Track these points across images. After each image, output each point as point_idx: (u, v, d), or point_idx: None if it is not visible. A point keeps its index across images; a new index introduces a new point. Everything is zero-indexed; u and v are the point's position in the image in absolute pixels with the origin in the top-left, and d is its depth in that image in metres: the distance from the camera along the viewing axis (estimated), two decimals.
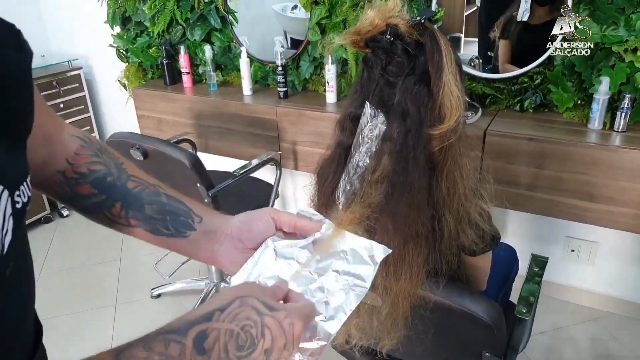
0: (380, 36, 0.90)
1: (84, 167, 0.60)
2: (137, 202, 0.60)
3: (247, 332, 0.43)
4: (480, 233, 0.99)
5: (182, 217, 0.61)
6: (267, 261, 0.58)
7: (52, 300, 2.36)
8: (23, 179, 0.42)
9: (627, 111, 1.57)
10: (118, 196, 0.60)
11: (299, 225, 0.61)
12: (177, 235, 0.61)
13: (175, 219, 0.61)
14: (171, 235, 0.61)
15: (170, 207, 0.61)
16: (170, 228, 0.61)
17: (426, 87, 0.90)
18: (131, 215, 0.60)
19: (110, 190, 0.60)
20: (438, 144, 0.91)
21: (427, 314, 0.95)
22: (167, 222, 0.61)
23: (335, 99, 2.06)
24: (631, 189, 1.52)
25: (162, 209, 0.61)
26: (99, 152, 0.62)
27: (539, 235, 2.12)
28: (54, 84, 2.83)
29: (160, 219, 0.61)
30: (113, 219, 0.61)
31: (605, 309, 2.11)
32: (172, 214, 0.61)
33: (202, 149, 2.35)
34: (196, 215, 0.62)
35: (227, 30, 2.36)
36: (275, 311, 0.45)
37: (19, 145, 0.43)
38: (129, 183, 0.61)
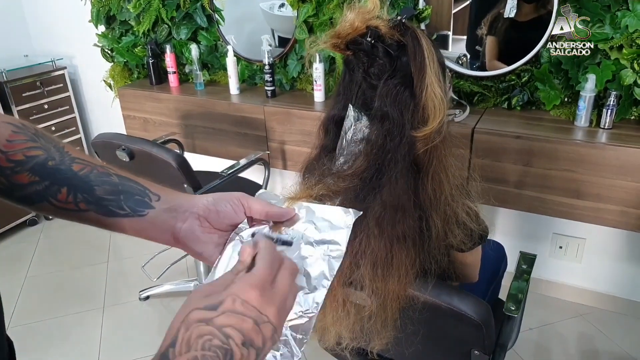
0: (361, 39, 0.89)
1: (19, 154, 0.55)
2: (86, 185, 0.56)
3: (211, 347, 0.39)
4: (468, 232, 0.98)
5: (138, 196, 0.58)
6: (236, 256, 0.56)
7: (39, 304, 2.32)
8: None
9: (613, 108, 1.58)
10: (63, 181, 0.56)
11: (271, 212, 0.58)
12: (134, 215, 0.57)
13: (129, 198, 0.57)
14: (127, 215, 0.57)
15: (123, 186, 0.58)
16: (125, 208, 0.57)
17: (408, 89, 0.89)
18: (80, 199, 0.56)
19: (53, 175, 0.55)
20: (422, 146, 0.90)
21: (417, 314, 0.95)
22: (120, 201, 0.57)
23: (323, 98, 2.05)
24: (617, 185, 1.53)
25: (114, 189, 0.57)
26: (35, 137, 0.57)
27: (526, 232, 2.13)
28: (38, 84, 2.79)
29: (114, 199, 0.57)
30: (60, 205, 0.56)
31: (592, 305, 2.13)
32: (126, 193, 0.57)
33: (189, 149, 2.33)
34: (153, 193, 0.59)
35: (213, 28, 2.34)
36: (220, 305, 0.41)
37: None
38: (74, 165, 0.57)
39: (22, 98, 2.73)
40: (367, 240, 0.92)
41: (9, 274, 2.57)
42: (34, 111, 2.79)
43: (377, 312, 0.97)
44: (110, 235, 2.63)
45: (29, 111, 2.77)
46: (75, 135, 3.06)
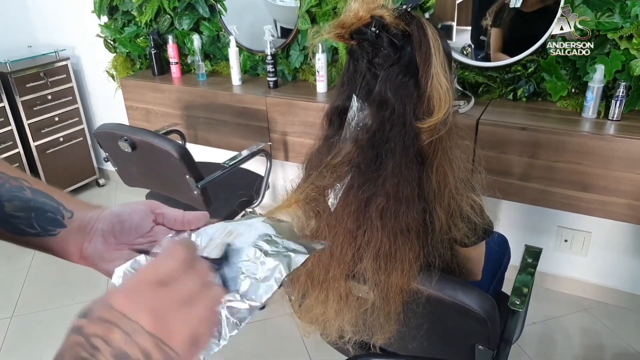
0: (365, 29, 0.87)
1: None
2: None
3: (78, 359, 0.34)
4: (472, 226, 0.97)
5: (50, 213, 0.54)
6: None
7: (43, 293, 2.33)
8: None
9: (622, 99, 1.55)
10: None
11: (186, 218, 0.55)
12: (45, 234, 0.53)
13: (41, 216, 0.53)
14: (37, 235, 0.53)
15: (36, 202, 0.53)
16: (35, 226, 0.53)
17: (413, 79, 0.88)
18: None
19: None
20: (427, 137, 0.88)
21: (420, 308, 0.93)
22: (31, 219, 0.53)
23: (325, 89, 2.03)
24: (625, 178, 1.50)
25: (25, 205, 0.53)
26: None
27: (531, 225, 2.11)
28: (41, 75, 2.77)
29: (24, 217, 0.53)
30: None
31: (597, 299, 2.11)
32: (38, 210, 0.53)
33: (191, 140, 2.32)
34: (67, 210, 0.54)
35: (215, 19, 2.31)
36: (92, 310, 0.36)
37: None
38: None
39: (26, 89, 2.72)
40: (371, 232, 0.91)
41: (12, 263, 2.57)
42: (37, 102, 2.78)
43: (380, 306, 0.96)
44: None
45: (32, 102, 2.76)
46: (79, 126, 3.05)
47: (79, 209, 0.55)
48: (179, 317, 0.37)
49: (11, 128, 2.71)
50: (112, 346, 0.34)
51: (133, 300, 0.36)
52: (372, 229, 0.91)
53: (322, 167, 0.91)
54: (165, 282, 0.37)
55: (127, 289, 0.37)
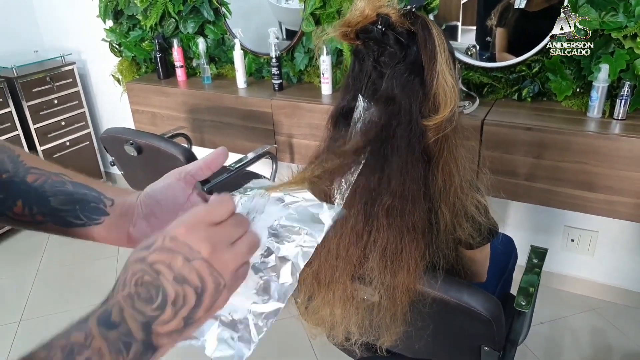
0: (371, 27, 0.88)
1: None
2: (40, 196, 0.55)
3: (143, 283, 0.39)
4: (476, 226, 0.97)
5: (93, 203, 0.56)
6: None
7: (51, 297, 2.34)
8: None
9: (626, 99, 1.55)
10: (18, 193, 0.55)
11: (207, 161, 0.57)
12: (91, 224, 0.56)
13: (85, 207, 0.56)
14: (84, 225, 0.56)
15: (78, 194, 0.56)
16: (81, 217, 0.56)
17: (418, 77, 0.88)
18: (36, 211, 0.55)
19: (7, 188, 0.54)
20: (433, 135, 0.89)
21: (426, 309, 0.94)
22: (76, 211, 0.56)
23: (330, 91, 2.04)
24: (631, 177, 1.50)
25: (69, 198, 0.56)
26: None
27: (538, 225, 2.11)
28: (48, 79, 2.80)
29: (69, 209, 0.56)
30: (17, 218, 0.55)
31: (605, 299, 2.10)
32: (81, 202, 0.56)
33: (197, 143, 2.33)
34: (107, 198, 0.57)
35: (220, 22, 2.32)
36: (153, 244, 0.41)
37: None
38: (29, 176, 0.55)
39: (33, 93, 2.74)
40: (377, 231, 0.92)
41: (21, 267, 2.59)
42: (44, 106, 2.80)
43: (386, 306, 0.96)
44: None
45: (39, 106, 2.78)
46: (85, 130, 3.07)
47: (117, 195, 0.58)
48: (227, 252, 0.42)
49: (18, 133, 2.73)
50: (174, 270, 0.40)
51: (194, 232, 0.41)
52: (378, 228, 0.91)
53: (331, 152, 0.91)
54: (216, 223, 0.43)
55: (188, 224, 0.42)
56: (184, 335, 0.41)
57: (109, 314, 0.39)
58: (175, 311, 0.40)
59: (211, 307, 0.42)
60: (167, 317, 0.39)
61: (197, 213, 0.43)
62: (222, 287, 0.42)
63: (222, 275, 0.41)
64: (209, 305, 0.41)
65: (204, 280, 0.40)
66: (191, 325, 0.41)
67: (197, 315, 0.41)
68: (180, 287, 0.40)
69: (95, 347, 0.37)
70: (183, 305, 0.40)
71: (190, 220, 0.42)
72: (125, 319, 0.38)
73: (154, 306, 0.39)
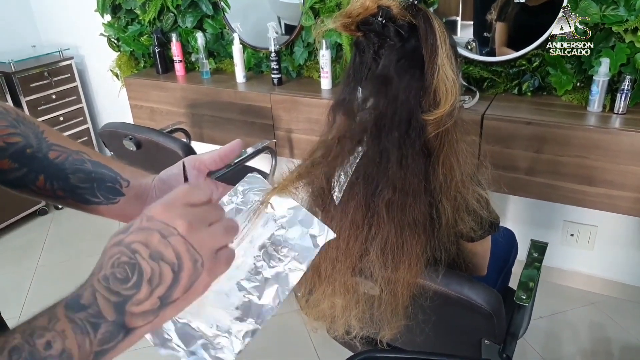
0: (372, 19, 0.87)
1: (0, 140, 0.56)
2: (61, 173, 0.58)
3: (120, 264, 0.39)
4: (478, 220, 0.97)
5: (109, 183, 0.59)
6: None
7: (50, 293, 2.34)
8: None
9: (627, 93, 1.55)
10: (40, 168, 0.57)
11: (222, 154, 0.59)
12: (107, 203, 0.59)
13: (102, 186, 0.59)
14: (100, 203, 0.59)
15: (96, 174, 0.59)
16: (98, 195, 0.58)
17: (418, 70, 0.88)
18: (57, 186, 0.58)
19: (31, 163, 0.57)
20: (433, 129, 0.88)
21: (427, 302, 0.94)
22: (94, 189, 0.58)
23: (330, 85, 2.03)
24: (631, 172, 1.50)
25: (87, 177, 0.58)
26: (15, 123, 0.58)
27: (538, 220, 2.11)
28: (45, 74, 2.78)
29: (88, 187, 0.58)
30: (39, 191, 0.58)
31: (604, 293, 2.10)
32: (99, 181, 0.59)
33: (196, 138, 2.33)
34: (124, 179, 0.60)
35: (219, 16, 2.31)
36: (130, 227, 0.41)
37: None
38: (51, 153, 0.58)
39: (30, 89, 2.73)
40: (377, 225, 0.91)
41: (20, 263, 2.59)
42: (42, 102, 2.79)
43: (387, 300, 0.96)
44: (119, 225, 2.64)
45: (37, 102, 2.77)
46: (83, 125, 3.06)
47: (134, 177, 0.60)
48: (204, 231, 0.42)
49: None
50: (150, 247, 0.39)
51: (170, 210, 0.41)
52: (379, 222, 0.91)
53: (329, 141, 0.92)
54: (195, 205, 0.43)
55: (164, 203, 0.42)
56: (160, 317, 0.40)
57: (78, 297, 0.39)
58: (151, 289, 0.39)
59: (189, 288, 0.40)
60: (142, 295, 0.38)
61: (174, 193, 0.43)
62: (199, 265, 0.41)
63: (199, 252, 0.41)
64: (186, 285, 0.40)
65: (180, 257, 0.40)
66: (167, 306, 0.40)
67: (174, 296, 0.40)
68: (156, 264, 0.39)
69: (59, 329, 0.37)
70: (159, 284, 0.39)
71: (166, 200, 0.42)
72: (96, 300, 0.38)
73: (129, 285, 0.38)
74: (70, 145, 0.60)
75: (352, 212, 0.93)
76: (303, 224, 0.54)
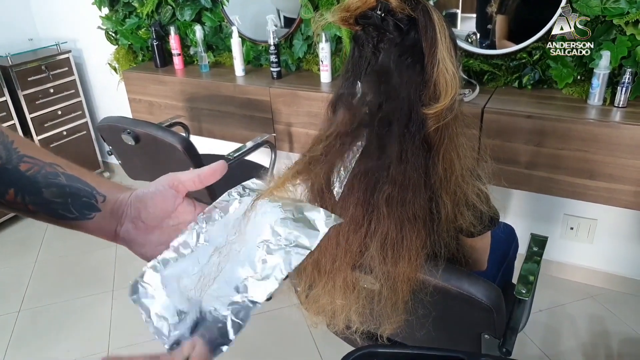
0: (370, 12, 0.86)
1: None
2: (33, 187, 0.55)
3: None
4: (478, 215, 0.96)
5: (85, 198, 0.56)
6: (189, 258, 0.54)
7: (49, 287, 2.34)
8: None
9: (627, 86, 1.54)
10: (10, 181, 0.54)
11: (202, 176, 0.56)
12: (82, 218, 0.56)
13: (77, 201, 0.56)
14: (75, 219, 0.56)
15: (71, 188, 0.56)
16: (73, 211, 0.56)
17: (418, 63, 0.87)
18: (28, 200, 0.55)
19: (0, 175, 0.54)
20: (433, 123, 0.88)
21: (427, 297, 0.93)
22: (68, 204, 0.55)
23: (329, 79, 2.02)
24: (631, 165, 1.49)
25: (61, 191, 0.55)
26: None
27: (538, 213, 2.11)
28: (43, 68, 2.77)
29: (61, 202, 0.55)
30: (9, 205, 0.55)
31: (603, 286, 2.11)
32: (74, 196, 0.56)
33: (195, 132, 2.32)
34: (100, 194, 0.57)
35: (217, 9, 2.30)
36: None
37: None
38: (22, 165, 0.54)
39: (28, 82, 2.72)
40: (377, 220, 0.91)
41: (19, 258, 2.59)
42: (39, 95, 2.78)
43: (387, 295, 0.96)
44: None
45: (34, 95, 2.76)
46: (82, 119, 3.05)
47: (110, 192, 0.57)
48: None
49: (14, 122, 2.71)
50: None
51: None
52: (379, 217, 0.91)
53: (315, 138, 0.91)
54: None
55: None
56: None
57: None
58: None
59: None
60: None
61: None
62: None
63: None
64: None
65: None
66: None
67: None
68: None
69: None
70: None
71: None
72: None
73: None
74: (43, 157, 0.56)
75: (352, 207, 0.92)
76: (307, 211, 0.53)
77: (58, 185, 0.55)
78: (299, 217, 0.52)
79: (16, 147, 0.55)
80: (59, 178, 0.56)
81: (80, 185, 0.56)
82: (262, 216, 0.54)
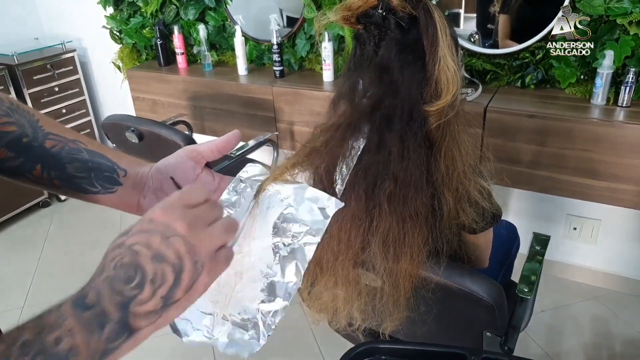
0: (372, 11, 0.87)
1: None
2: (57, 162, 0.57)
3: (122, 265, 0.39)
4: (480, 211, 0.96)
5: (107, 172, 0.59)
6: None
7: (53, 285, 2.35)
8: None
9: (631, 85, 1.53)
10: (36, 158, 0.57)
11: (219, 146, 0.59)
12: (105, 192, 0.59)
13: (99, 175, 0.58)
14: (98, 192, 0.59)
15: (93, 163, 0.59)
16: (96, 185, 0.58)
17: (419, 61, 0.87)
18: (53, 175, 0.57)
19: (27, 152, 0.57)
20: (435, 121, 0.88)
21: (429, 294, 0.93)
22: (91, 179, 0.58)
23: (332, 78, 2.02)
24: (635, 165, 1.49)
25: (84, 166, 0.58)
26: (9, 111, 0.57)
27: (540, 213, 2.10)
28: (48, 67, 2.78)
29: (85, 176, 0.58)
30: (37, 181, 0.58)
31: (607, 287, 2.10)
32: (96, 170, 0.58)
33: (198, 131, 2.32)
34: (121, 168, 0.59)
35: (221, 8, 2.30)
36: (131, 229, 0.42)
37: None
38: (47, 142, 0.57)
39: (33, 81, 2.73)
40: (379, 217, 0.91)
41: (22, 255, 2.60)
42: (44, 94, 2.79)
43: (389, 292, 0.96)
44: (121, 216, 2.63)
45: (40, 94, 2.77)
46: (86, 118, 3.06)
47: (130, 166, 0.60)
48: (203, 231, 0.43)
49: None
50: (152, 249, 0.40)
51: (170, 212, 0.42)
52: (380, 214, 0.91)
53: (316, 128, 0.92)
54: (194, 205, 0.44)
55: (164, 206, 0.43)
56: (164, 318, 0.41)
57: (84, 297, 0.39)
58: (154, 290, 0.39)
59: (190, 288, 0.41)
60: (145, 296, 0.39)
61: (172, 197, 0.44)
62: (199, 265, 0.41)
63: (199, 253, 0.41)
64: (187, 285, 0.41)
65: (181, 258, 0.40)
66: (170, 307, 0.41)
67: (176, 296, 0.40)
68: (158, 266, 0.39)
69: (67, 327, 0.37)
70: (161, 284, 0.40)
71: (166, 203, 0.43)
72: (101, 300, 0.38)
73: (132, 285, 0.39)
74: (66, 134, 0.59)
75: (354, 205, 0.92)
76: (310, 200, 0.55)
77: (81, 160, 0.58)
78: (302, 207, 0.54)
79: (41, 125, 0.58)
80: (82, 154, 0.59)
81: (102, 160, 0.59)
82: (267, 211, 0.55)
